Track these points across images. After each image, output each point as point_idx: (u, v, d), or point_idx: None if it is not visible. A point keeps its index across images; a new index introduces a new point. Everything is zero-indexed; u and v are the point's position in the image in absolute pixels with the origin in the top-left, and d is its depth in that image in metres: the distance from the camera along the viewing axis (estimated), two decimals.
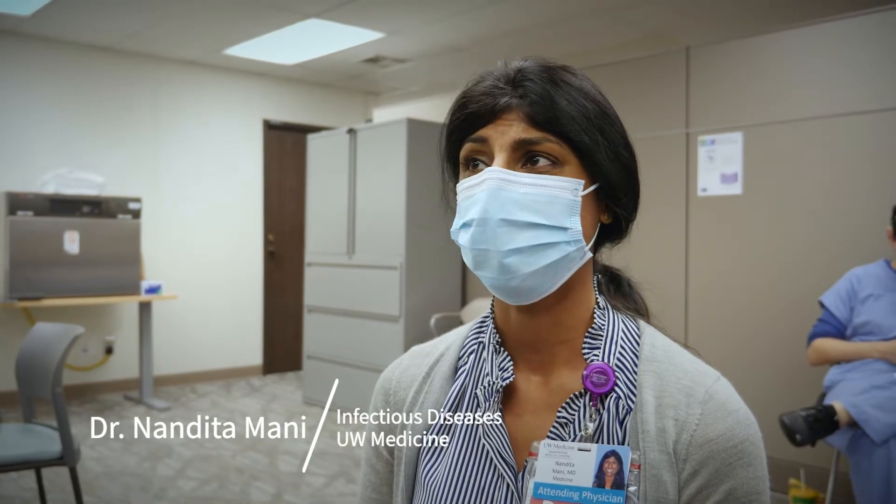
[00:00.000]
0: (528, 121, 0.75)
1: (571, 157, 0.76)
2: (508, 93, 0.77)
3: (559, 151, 0.76)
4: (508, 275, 0.75)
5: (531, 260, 0.75)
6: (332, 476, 3.76)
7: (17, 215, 4.85)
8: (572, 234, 0.76)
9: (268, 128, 6.57)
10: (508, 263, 0.75)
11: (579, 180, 0.76)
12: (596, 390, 0.76)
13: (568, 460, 0.74)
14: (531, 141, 0.75)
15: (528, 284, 0.76)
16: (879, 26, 3.26)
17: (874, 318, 2.73)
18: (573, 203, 0.76)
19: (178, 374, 6.01)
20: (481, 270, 0.77)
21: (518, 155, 0.76)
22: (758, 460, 0.74)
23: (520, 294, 0.77)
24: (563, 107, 0.75)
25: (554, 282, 0.77)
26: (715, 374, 0.79)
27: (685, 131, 3.84)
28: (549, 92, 0.76)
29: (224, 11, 4.74)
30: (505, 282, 0.76)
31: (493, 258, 0.75)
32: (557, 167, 0.76)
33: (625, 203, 0.80)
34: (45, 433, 2.67)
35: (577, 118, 0.76)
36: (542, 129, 0.75)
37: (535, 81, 0.76)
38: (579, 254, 0.77)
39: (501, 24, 4.85)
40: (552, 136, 0.75)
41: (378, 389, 0.94)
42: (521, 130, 0.75)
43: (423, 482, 0.84)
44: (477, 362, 0.86)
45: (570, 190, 0.76)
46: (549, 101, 0.75)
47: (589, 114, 0.76)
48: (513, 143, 0.76)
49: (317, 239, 5.38)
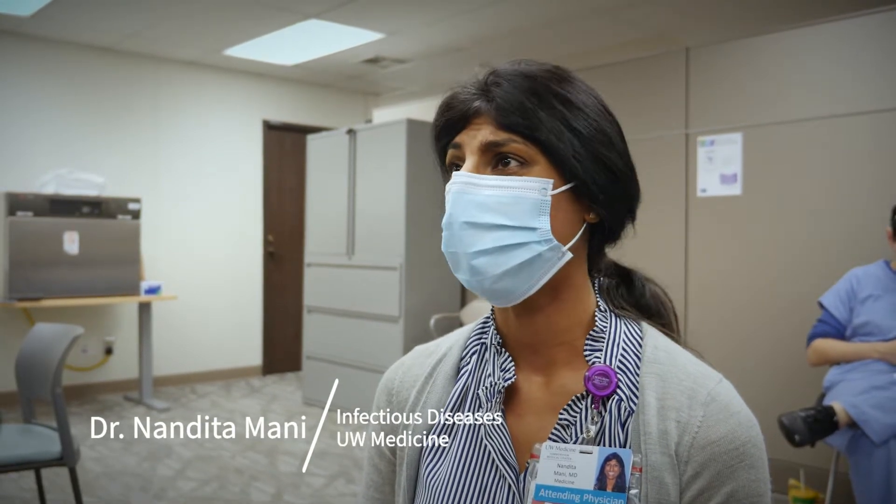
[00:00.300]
0: (495, 123, 0.77)
1: (540, 157, 0.76)
2: (478, 97, 0.79)
3: (526, 152, 0.76)
4: (479, 276, 0.77)
5: (499, 261, 0.76)
6: (332, 476, 3.76)
7: (17, 216, 4.85)
8: (541, 233, 0.76)
9: (267, 128, 6.57)
10: (476, 265, 0.76)
11: (547, 179, 0.76)
12: (598, 392, 0.76)
13: (569, 462, 0.74)
14: (497, 143, 0.77)
15: (503, 286, 0.77)
16: (880, 27, 3.26)
17: (874, 318, 2.73)
18: (541, 202, 0.76)
19: (177, 374, 6.01)
20: (457, 272, 0.79)
21: (488, 157, 0.78)
22: (759, 462, 0.74)
23: (498, 296, 0.78)
24: (530, 109, 0.76)
25: (531, 283, 0.77)
26: (717, 376, 0.78)
27: (685, 132, 3.84)
28: (515, 94, 0.77)
29: (224, 12, 4.74)
30: (478, 283, 0.77)
31: (463, 260, 0.77)
32: (526, 167, 0.76)
33: (605, 202, 0.79)
34: (45, 433, 2.66)
35: (545, 119, 0.76)
36: (508, 131, 0.76)
37: (502, 85, 0.78)
38: (554, 254, 0.77)
39: (501, 24, 4.85)
40: (517, 136, 0.76)
41: (381, 389, 0.94)
42: (489, 133, 0.77)
43: (424, 482, 0.84)
44: (479, 363, 0.87)
45: (538, 189, 0.76)
46: (514, 103, 0.76)
47: (560, 114, 0.76)
48: (480, 146, 0.77)
49: (316, 239, 5.38)
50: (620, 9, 4.51)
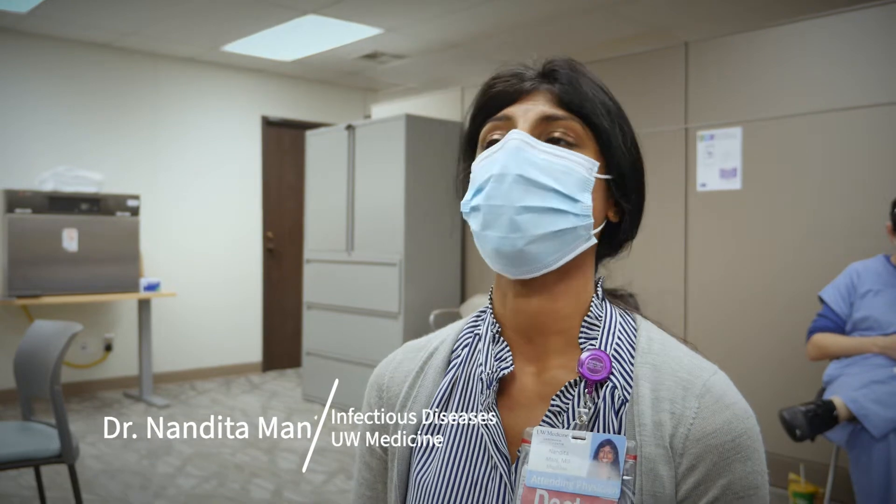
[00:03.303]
0: (555, 100, 0.80)
1: (590, 142, 0.80)
2: (536, 78, 0.82)
3: (579, 132, 0.79)
4: (517, 233, 0.75)
5: (541, 222, 0.75)
6: (332, 473, 3.76)
7: (16, 213, 4.85)
8: (583, 207, 0.77)
9: (266, 124, 6.56)
10: (519, 221, 0.75)
11: (594, 161, 0.79)
12: (591, 377, 0.75)
13: (562, 448, 0.73)
14: (556, 116, 0.79)
15: (533, 249, 0.76)
16: (879, 21, 3.25)
17: (873, 313, 2.73)
18: (586, 180, 0.78)
19: (177, 371, 6.01)
20: (490, 229, 0.77)
21: (539, 132, 0.79)
22: (756, 454, 0.73)
23: (522, 260, 0.77)
24: (588, 93, 0.80)
25: (557, 255, 0.77)
26: (712, 367, 0.78)
27: (684, 126, 3.83)
28: (577, 79, 0.81)
29: (222, 8, 4.73)
30: (512, 242, 0.76)
31: (505, 214, 0.76)
32: (575, 149, 0.79)
33: (633, 199, 0.83)
34: (44, 431, 2.66)
35: (600, 106, 0.80)
36: (566, 109, 0.79)
37: (563, 70, 0.81)
38: (586, 232, 0.78)
39: (499, 20, 4.84)
40: (576, 116, 0.79)
41: (371, 385, 0.94)
42: (548, 108, 0.79)
43: (415, 478, 0.84)
44: (471, 354, 0.86)
45: (586, 168, 0.78)
46: (576, 87, 0.80)
47: (609, 106, 0.81)
48: (537, 118, 0.79)
49: (316, 235, 5.38)
50: (619, 4, 4.50)
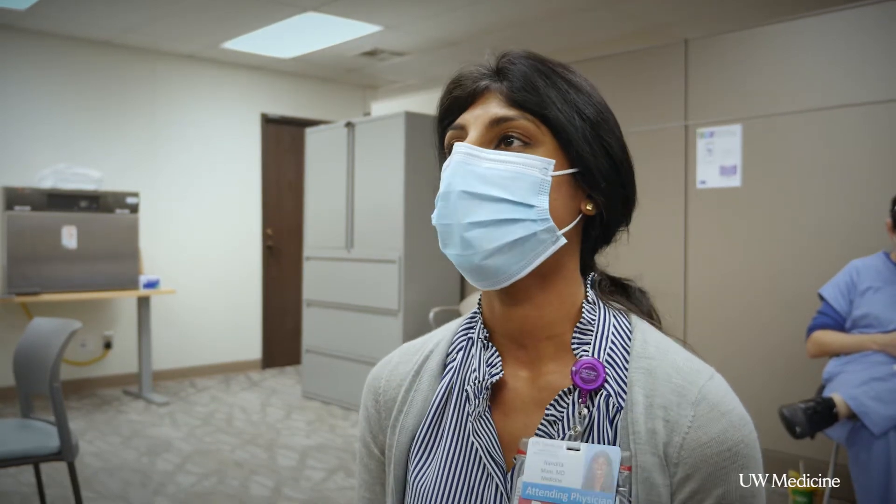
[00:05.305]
0: (506, 100, 0.76)
1: (547, 139, 0.76)
2: (489, 76, 0.79)
3: (533, 131, 0.75)
4: (470, 250, 0.74)
5: (493, 235, 0.73)
6: (331, 470, 3.76)
7: (15, 210, 4.84)
8: (538, 212, 0.74)
9: (266, 122, 6.55)
10: (469, 237, 0.73)
11: (549, 160, 0.75)
12: (585, 386, 0.74)
13: (557, 460, 0.72)
14: (506, 118, 0.75)
15: (493, 263, 0.74)
16: (879, 18, 3.25)
17: (873, 310, 2.73)
18: (541, 182, 0.74)
19: (177, 368, 6.01)
20: (447, 248, 0.76)
21: (492, 135, 0.76)
22: (752, 462, 0.72)
23: (486, 274, 0.75)
24: (542, 87, 0.76)
25: (522, 264, 0.75)
26: (709, 371, 0.75)
27: (684, 124, 3.82)
28: (529, 74, 0.76)
29: (222, 5, 4.72)
30: (468, 258, 0.74)
31: (455, 232, 0.74)
32: (529, 148, 0.75)
33: (605, 191, 0.78)
34: (43, 428, 2.66)
35: (556, 99, 0.76)
36: (518, 108, 0.76)
37: (515, 65, 0.77)
38: (549, 236, 0.75)
39: (499, 17, 4.83)
40: (528, 113, 0.75)
41: (367, 388, 0.92)
42: (498, 109, 0.76)
43: (412, 483, 0.82)
44: (465, 359, 0.84)
45: (539, 168, 0.74)
46: (528, 82, 0.76)
47: (570, 97, 0.77)
48: (487, 121, 0.76)
49: (315, 233, 5.38)
50: (618, 1, 4.49)
